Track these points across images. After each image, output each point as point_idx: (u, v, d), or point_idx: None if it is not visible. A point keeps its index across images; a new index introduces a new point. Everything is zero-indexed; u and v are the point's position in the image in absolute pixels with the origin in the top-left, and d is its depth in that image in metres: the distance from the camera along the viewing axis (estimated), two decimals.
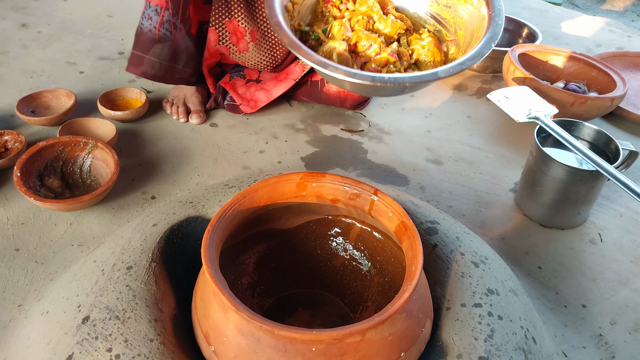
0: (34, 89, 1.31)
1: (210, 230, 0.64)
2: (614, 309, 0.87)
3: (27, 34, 1.58)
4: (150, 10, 1.00)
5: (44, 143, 0.99)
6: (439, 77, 0.74)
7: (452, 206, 1.06)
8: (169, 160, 1.12)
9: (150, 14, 1.00)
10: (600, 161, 0.87)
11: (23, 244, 0.90)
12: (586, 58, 1.41)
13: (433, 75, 0.74)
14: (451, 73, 0.74)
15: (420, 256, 0.61)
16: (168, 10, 0.97)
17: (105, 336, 0.62)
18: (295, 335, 0.54)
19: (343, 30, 0.84)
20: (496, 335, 0.66)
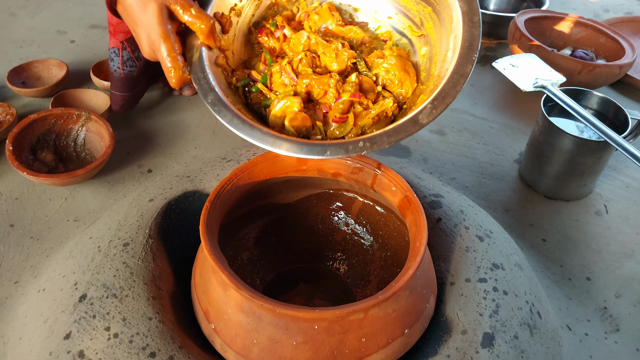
0: (24, 59, 1.26)
1: (209, 207, 0.62)
2: (619, 281, 0.86)
3: (15, 1, 1.53)
4: (111, 52, 0.99)
5: (35, 116, 0.96)
6: (420, 127, 0.59)
7: (455, 178, 1.04)
8: (165, 133, 1.10)
9: (111, 55, 0.99)
10: (609, 131, 0.85)
11: (17, 220, 0.89)
12: (594, 24, 1.37)
13: (411, 129, 0.59)
14: (434, 117, 0.60)
15: (424, 231, 0.60)
16: (126, 50, 0.97)
17: (103, 315, 0.61)
18: (297, 313, 0.53)
19: (285, 78, 0.67)
20: (501, 311, 0.64)
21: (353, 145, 0.60)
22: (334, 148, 0.60)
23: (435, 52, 0.68)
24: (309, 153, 0.60)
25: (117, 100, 1.05)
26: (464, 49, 0.62)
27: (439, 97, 0.60)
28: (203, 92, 0.63)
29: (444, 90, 0.60)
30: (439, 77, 0.64)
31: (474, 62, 0.61)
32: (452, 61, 0.63)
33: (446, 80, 0.61)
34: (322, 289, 0.78)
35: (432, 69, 0.68)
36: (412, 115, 0.61)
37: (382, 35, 0.75)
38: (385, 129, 0.61)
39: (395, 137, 0.59)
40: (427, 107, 0.60)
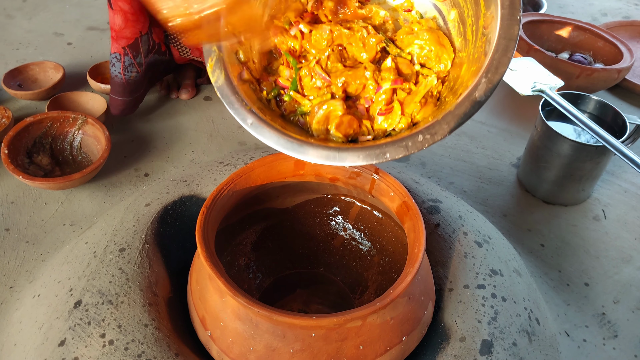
0: (21, 61, 1.26)
1: (205, 212, 0.61)
2: (617, 287, 0.86)
3: (11, 3, 1.52)
4: (112, 57, 1.00)
5: (31, 119, 0.95)
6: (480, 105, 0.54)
7: (454, 182, 1.04)
8: (162, 136, 1.09)
9: (112, 60, 1.00)
10: (607, 136, 0.84)
11: (13, 224, 0.88)
12: (592, 28, 1.37)
13: (471, 110, 0.53)
14: (491, 91, 0.54)
15: (422, 238, 0.59)
16: (127, 55, 0.98)
17: (98, 321, 0.60)
18: (294, 321, 0.53)
19: (317, 79, 0.62)
20: (500, 318, 0.64)
21: (412, 140, 0.54)
22: (393, 148, 0.55)
23: (467, 13, 0.62)
24: (367, 159, 0.55)
25: (118, 105, 1.05)
26: (505, 8, 0.55)
27: (491, 67, 0.54)
28: (241, 117, 0.59)
29: (494, 59, 0.54)
30: (481, 42, 0.58)
31: (519, 22, 0.55)
32: (494, 24, 0.56)
33: (494, 47, 0.55)
34: (320, 295, 0.77)
35: (468, 33, 0.62)
36: (468, 92, 0.54)
37: (403, 6, 0.69)
38: (442, 115, 0.55)
39: (455, 122, 0.54)
40: (481, 82, 0.54)
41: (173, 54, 1.10)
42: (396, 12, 0.69)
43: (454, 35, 0.65)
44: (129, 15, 0.96)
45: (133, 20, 0.97)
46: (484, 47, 0.58)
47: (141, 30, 0.99)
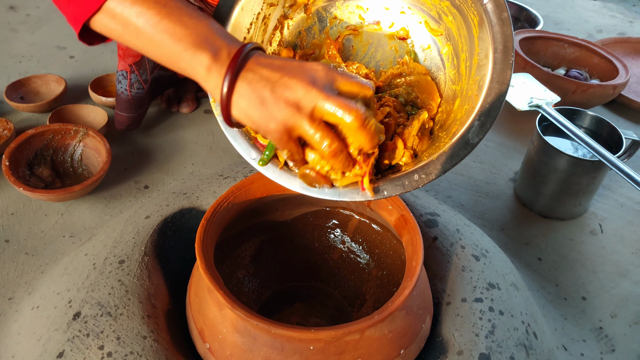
0: (23, 74, 1.27)
1: (205, 225, 0.62)
2: (614, 301, 0.86)
3: (15, 17, 1.54)
4: (119, 74, 1.02)
5: (33, 131, 0.96)
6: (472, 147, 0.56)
7: (451, 196, 1.04)
8: (162, 149, 1.10)
9: (119, 77, 1.02)
10: (603, 151, 0.85)
11: (13, 235, 0.88)
12: (588, 44, 1.39)
13: (463, 151, 0.55)
14: (484, 134, 0.55)
15: (420, 251, 0.60)
16: (134, 73, 1.00)
17: (97, 333, 0.60)
18: (292, 334, 0.53)
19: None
20: (497, 331, 0.64)
21: (408, 179, 0.57)
22: (390, 187, 0.57)
23: (461, 48, 0.63)
24: (367, 197, 0.57)
25: (124, 121, 1.07)
26: (498, 52, 0.57)
27: (484, 111, 0.56)
28: (245, 151, 0.62)
29: (486, 102, 0.56)
30: (474, 81, 0.59)
31: (512, 66, 0.56)
32: (486, 66, 0.57)
33: (486, 91, 0.56)
34: (318, 308, 0.77)
35: (462, 68, 0.63)
36: (461, 133, 0.56)
37: (398, 34, 0.70)
38: (436, 156, 0.57)
39: (450, 164, 0.56)
40: (474, 125, 0.56)
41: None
42: (392, 39, 0.71)
43: (447, 67, 0.66)
44: None
45: None
46: (477, 86, 0.59)
47: None
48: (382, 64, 0.71)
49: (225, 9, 0.64)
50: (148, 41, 0.51)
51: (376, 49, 0.71)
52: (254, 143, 0.62)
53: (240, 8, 0.64)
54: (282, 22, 0.70)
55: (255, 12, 0.66)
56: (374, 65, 0.71)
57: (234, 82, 0.49)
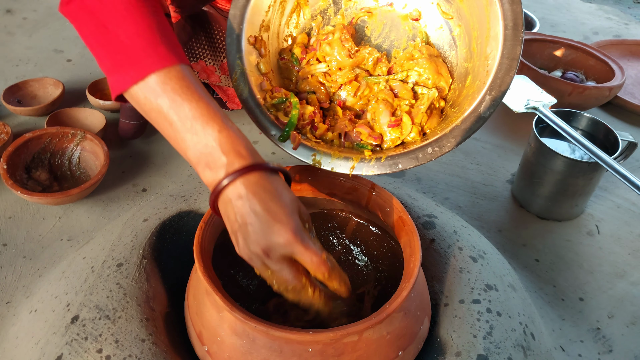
0: (20, 77, 1.27)
1: (203, 227, 0.62)
2: (612, 302, 0.87)
3: (12, 20, 1.54)
4: None
5: (30, 134, 0.96)
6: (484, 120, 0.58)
7: (449, 198, 1.05)
8: (160, 152, 1.10)
9: None
10: (600, 152, 0.86)
11: (11, 239, 0.88)
12: (584, 46, 1.40)
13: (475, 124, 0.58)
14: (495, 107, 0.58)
15: (418, 253, 0.60)
16: None
17: (95, 336, 0.60)
18: (291, 336, 0.53)
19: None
20: (495, 332, 0.65)
21: (422, 152, 0.59)
22: (405, 159, 0.60)
23: (473, 26, 0.65)
24: (382, 169, 0.60)
25: (129, 129, 1.08)
26: (509, 29, 0.59)
27: (494, 85, 0.58)
28: (264, 128, 0.64)
29: (497, 77, 0.58)
30: (484, 57, 0.61)
31: (521, 42, 0.58)
32: (497, 42, 0.59)
33: (497, 66, 0.58)
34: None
35: (473, 46, 0.65)
36: (473, 108, 0.58)
37: (411, 15, 0.72)
38: (449, 129, 0.59)
39: (463, 137, 0.58)
40: (485, 99, 0.58)
41: None
42: (404, 20, 0.73)
43: (459, 46, 0.68)
44: None
45: None
46: (488, 62, 0.60)
47: None
48: (396, 44, 0.73)
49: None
50: (168, 135, 0.56)
51: (390, 29, 0.73)
52: (274, 121, 0.65)
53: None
54: (299, 4, 0.72)
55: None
56: (388, 45, 0.73)
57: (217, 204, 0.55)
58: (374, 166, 0.62)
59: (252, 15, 0.69)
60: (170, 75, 0.53)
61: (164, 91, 0.52)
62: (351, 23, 0.74)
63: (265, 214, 0.51)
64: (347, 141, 0.67)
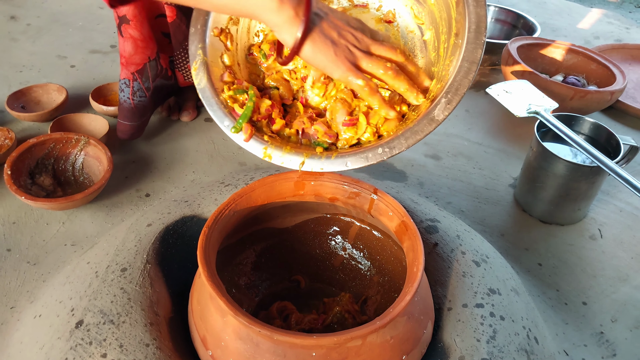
0: (24, 83, 1.28)
1: (206, 232, 0.62)
2: (615, 306, 0.87)
3: (16, 27, 1.55)
4: (121, 83, 1.02)
5: (34, 140, 0.97)
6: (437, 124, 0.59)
7: (451, 202, 1.05)
8: (163, 157, 1.10)
9: (121, 86, 1.02)
10: (601, 156, 0.86)
11: (15, 244, 0.88)
12: (585, 51, 1.40)
13: (427, 127, 0.58)
14: (449, 111, 0.58)
15: (421, 257, 0.60)
16: (136, 81, 1.01)
17: (100, 341, 0.60)
18: (295, 340, 0.53)
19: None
20: (498, 336, 0.65)
21: (372, 152, 0.60)
22: (354, 158, 0.60)
23: (442, 30, 0.65)
24: (331, 166, 0.61)
25: (126, 130, 1.07)
26: (471, 32, 0.59)
27: (452, 89, 0.58)
28: (219, 118, 0.65)
29: (455, 81, 0.58)
30: (449, 61, 0.61)
31: (483, 45, 0.57)
32: (460, 46, 0.59)
33: (456, 69, 0.58)
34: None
35: (441, 50, 0.65)
36: (427, 111, 0.58)
37: (386, 17, 0.73)
38: (401, 132, 0.59)
39: (413, 139, 0.58)
40: (441, 102, 0.58)
41: (178, 78, 1.12)
42: (379, 22, 0.74)
43: (429, 50, 0.69)
44: (138, 42, 0.99)
45: (142, 46, 1.00)
46: (450, 65, 0.61)
47: (150, 55, 1.02)
48: None
49: None
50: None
51: None
52: (231, 112, 0.66)
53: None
54: None
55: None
56: None
57: (307, 32, 0.57)
58: (323, 163, 0.62)
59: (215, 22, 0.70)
60: None
61: None
62: None
63: (340, 13, 0.61)
64: (304, 138, 0.68)
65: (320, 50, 0.58)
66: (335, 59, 0.59)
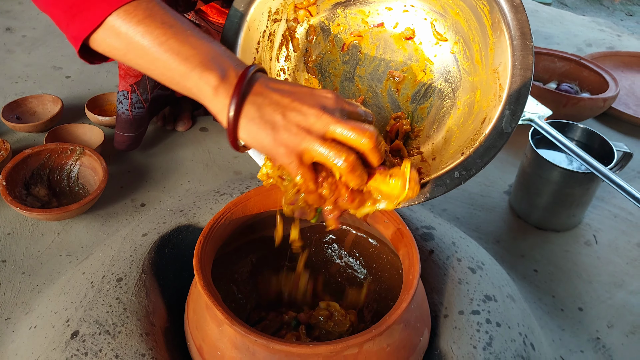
0: (19, 94, 1.28)
1: (202, 241, 0.62)
2: (611, 311, 0.87)
3: (11, 38, 1.55)
4: (120, 95, 1.02)
5: (29, 151, 0.97)
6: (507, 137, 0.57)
7: (446, 209, 1.05)
8: (159, 167, 1.10)
9: (120, 98, 1.02)
10: (595, 163, 0.87)
11: (9, 255, 0.88)
12: (577, 58, 1.41)
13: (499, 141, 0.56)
14: (516, 122, 0.56)
15: (417, 264, 0.60)
16: (135, 92, 1.00)
17: (96, 352, 0.60)
18: (291, 349, 0.53)
19: None
20: (495, 343, 0.65)
21: (450, 178, 0.58)
22: (432, 187, 0.58)
23: (473, 39, 0.63)
24: (409, 202, 0.58)
25: (124, 141, 1.07)
26: (516, 38, 0.56)
27: (512, 98, 0.56)
28: None
29: (513, 90, 0.56)
30: (493, 72, 0.59)
31: (532, 51, 0.56)
32: (505, 54, 0.57)
33: (510, 79, 0.57)
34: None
35: (477, 59, 0.63)
36: (494, 125, 0.57)
37: (404, 34, 0.70)
38: (474, 149, 0.58)
39: (488, 156, 0.57)
40: (505, 114, 0.56)
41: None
42: (398, 40, 0.71)
43: (460, 60, 0.66)
44: None
45: None
46: (497, 75, 0.59)
47: None
48: (392, 65, 0.71)
49: (232, 32, 0.66)
50: (152, 61, 0.52)
51: (384, 51, 0.71)
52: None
53: (247, 28, 0.65)
54: (286, 37, 0.71)
55: (261, 30, 0.67)
56: (384, 67, 0.71)
57: (242, 105, 0.50)
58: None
59: (243, 53, 0.67)
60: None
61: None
62: (343, 49, 0.73)
63: (299, 87, 0.51)
64: None
65: (257, 136, 0.50)
66: (273, 145, 0.49)
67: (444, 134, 0.66)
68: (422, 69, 0.70)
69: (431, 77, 0.69)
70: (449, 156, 0.62)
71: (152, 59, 0.52)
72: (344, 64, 0.72)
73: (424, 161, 0.65)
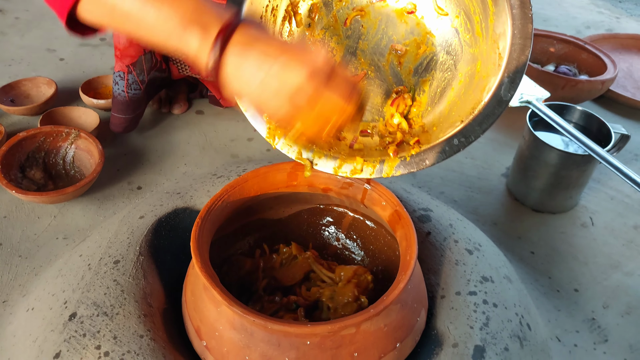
0: (13, 77, 1.26)
1: (199, 223, 0.62)
2: (606, 292, 0.87)
3: (4, 20, 1.53)
4: (115, 75, 1.01)
5: (24, 134, 0.96)
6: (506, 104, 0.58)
7: (444, 192, 1.05)
8: (155, 149, 1.10)
9: (116, 79, 1.01)
10: (593, 145, 0.86)
11: (6, 238, 0.88)
12: (576, 40, 1.40)
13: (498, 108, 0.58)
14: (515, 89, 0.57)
15: (414, 246, 0.60)
16: (131, 73, 0.99)
17: (94, 333, 0.60)
18: (288, 329, 0.53)
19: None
20: (491, 323, 0.65)
21: (449, 145, 0.60)
22: (431, 154, 0.61)
23: (474, 10, 0.64)
24: (408, 167, 0.62)
25: (120, 123, 1.06)
26: (516, 8, 0.58)
27: (511, 66, 0.57)
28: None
29: (512, 58, 0.57)
30: (494, 42, 0.60)
31: (531, 19, 0.57)
32: (504, 23, 0.58)
33: (509, 47, 0.57)
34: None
35: (477, 30, 0.64)
36: (493, 92, 0.58)
37: (406, 9, 0.71)
38: (473, 117, 0.59)
39: (487, 123, 0.58)
40: (504, 81, 0.57)
41: (172, 71, 1.11)
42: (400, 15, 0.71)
43: (461, 32, 0.67)
44: None
45: None
46: (497, 44, 0.60)
47: (145, 48, 1.00)
48: (395, 39, 0.72)
49: (235, 4, 0.66)
50: (137, 24, 0.51)
51: (387, 25, 0.72)
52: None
53: (249, 1, 0.65)
54: (289, 12, 0.71)
55: (264, 4, 0.67)
56: (386, 42, 0.72)
57: (222, 53, 0.49)
58: (399, 166, 0.64)
59: None
60: None
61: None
62: (345, 23, 0.74)
63: (284, 45, 0.50)
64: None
65: (244, 75, 0.49)
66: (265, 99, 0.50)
67: (446, 105, 0.67)
68: (424, 43, 0.70)
69: (433, 50, 0.69)
70: (448, 125, 0.63)
71: (136, 23, 0.51)
72: (346, 38, 0.72)
73: (425, 132, 0.66)
